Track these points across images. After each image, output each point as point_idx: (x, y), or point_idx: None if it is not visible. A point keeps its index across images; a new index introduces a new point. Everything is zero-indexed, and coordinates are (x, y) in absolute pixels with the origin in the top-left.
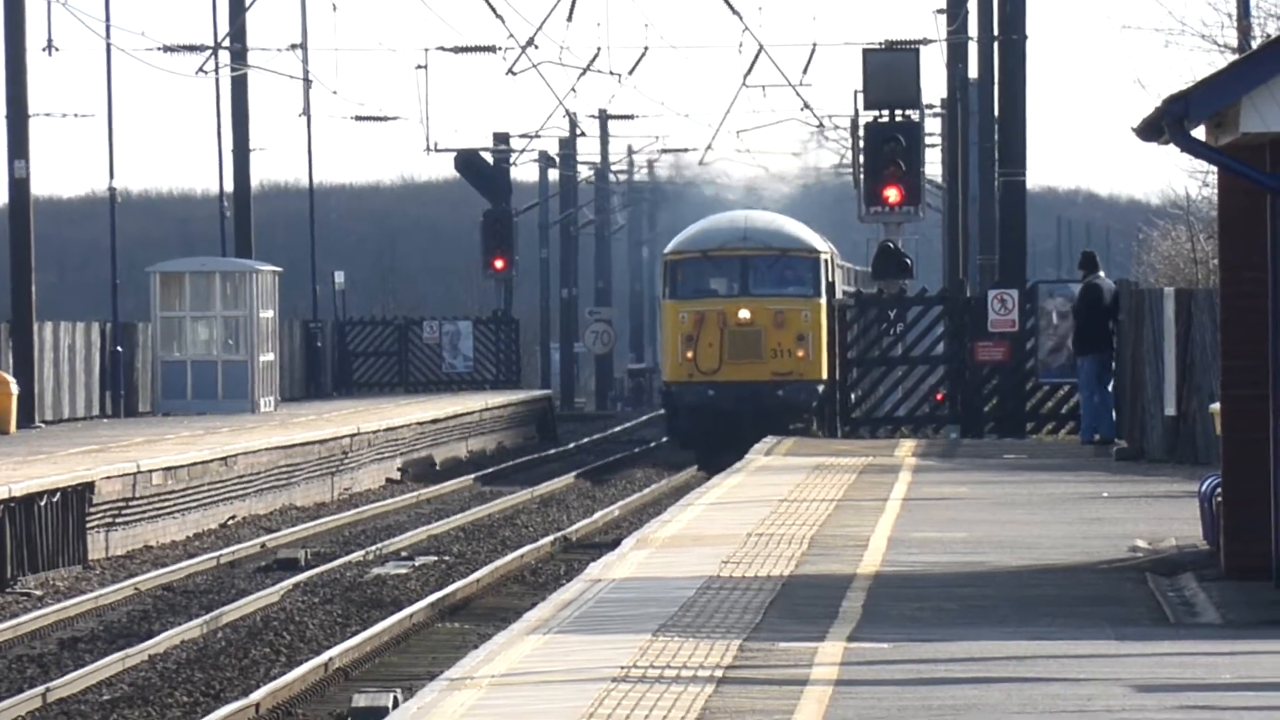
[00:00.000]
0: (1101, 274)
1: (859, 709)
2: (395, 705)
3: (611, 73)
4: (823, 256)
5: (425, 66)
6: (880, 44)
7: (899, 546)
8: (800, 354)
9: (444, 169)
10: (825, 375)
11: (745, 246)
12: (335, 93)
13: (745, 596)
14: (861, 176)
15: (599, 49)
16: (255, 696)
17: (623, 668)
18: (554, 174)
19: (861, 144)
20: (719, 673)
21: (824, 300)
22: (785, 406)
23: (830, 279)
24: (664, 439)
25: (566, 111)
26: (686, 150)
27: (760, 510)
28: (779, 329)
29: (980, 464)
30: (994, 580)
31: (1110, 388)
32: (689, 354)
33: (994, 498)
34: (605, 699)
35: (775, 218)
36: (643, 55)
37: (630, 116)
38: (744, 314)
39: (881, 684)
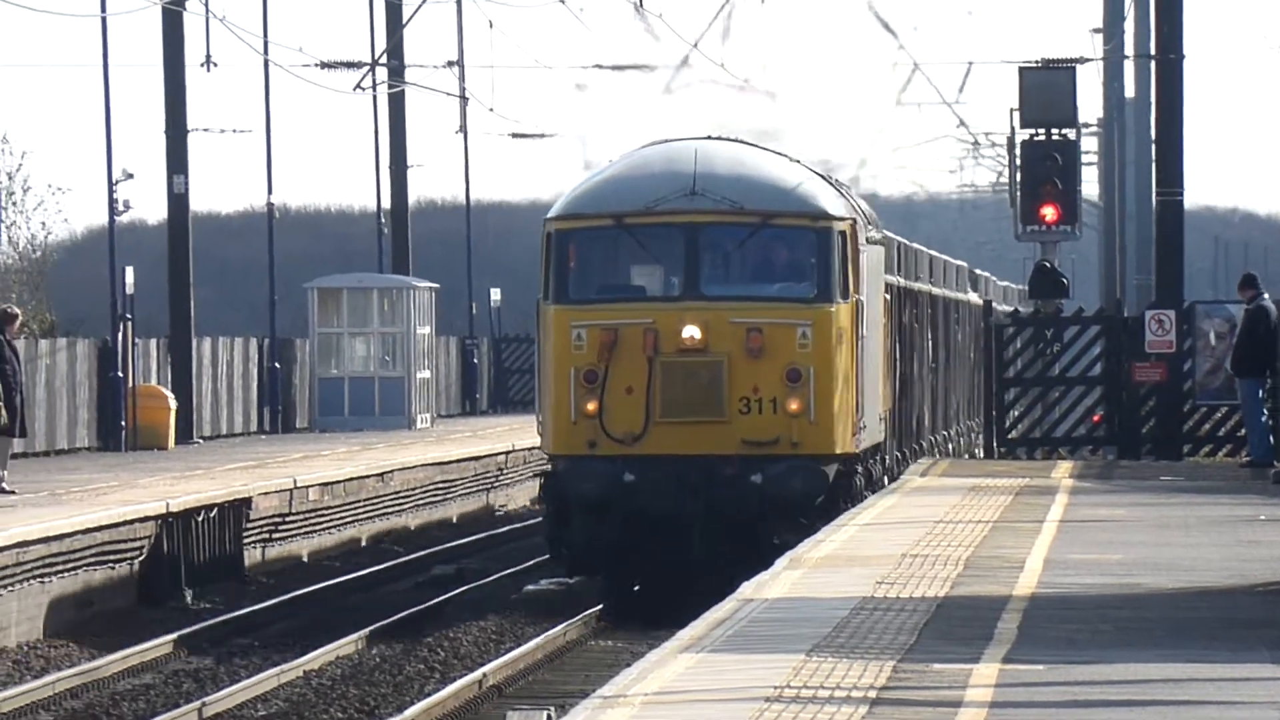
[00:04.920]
0: (1266, 296)
1: None
2: None
3: (767, 91)
4: (839, 226)
5: (584, 86)
6: (1036, 62)
7: (1055, 568)
8: (794, 405)
9: None
10: (843, 445)
11: (695, 207)
12: (491, 110)
13: (900, 617)
14: (1018, 195)
15: (755, 67)
16: (409, 713)
17: (776, 687)
18: None
19: (1018, 162)
20: (873, 693)
21: (842, 307)
22: (766, 502)
23: (854, 266)
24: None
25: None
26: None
27: (915, 531)
28: (755, 359)
29: (1137, 486)
30: (1150, 602)
31: (1268, 411)
32: (589, 405)
33: (1151, 520)
34: (759, 718)
35: (750, 154)
36: (797, 73)
37: (780, 133)
38: (690, 332)
39: (1036, 706)
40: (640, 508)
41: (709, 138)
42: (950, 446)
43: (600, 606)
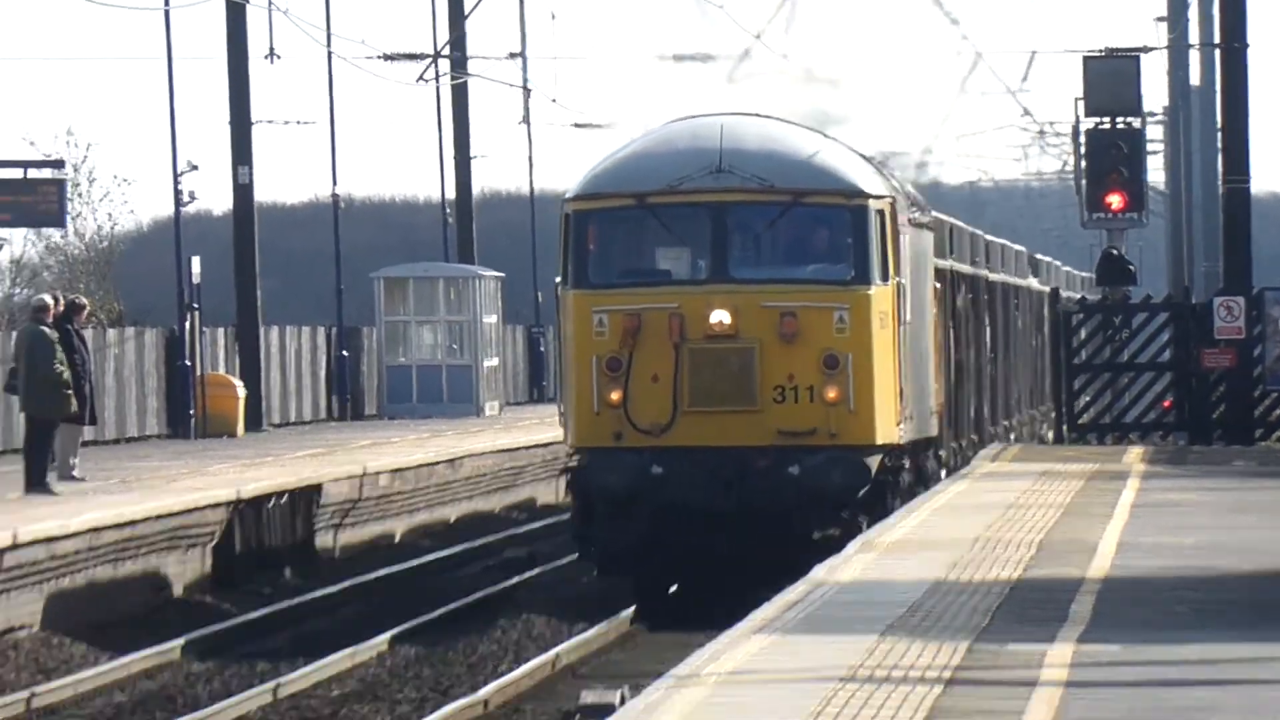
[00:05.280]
0: None
1: (1089, 710)
2: (622, 702)
3: (830, 79)
4: (876, 204)
5: (646, 76)
6: (1100, 51)
7: (1128, 551)
8: (832, 394)
9: None
10: (886, 435)
11: (722, 185)
12: (554, 101)
13: (973, 599)
14: (1083, 183)
15: (818, 55)
16: (483, 693)
17: (850, 668)
18: None
19: (1083, 150)
20: (947, 674)
21: (881, 289)
22: (804, 496)
23: (895, 246)
24: None
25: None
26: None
27: (986, 515)
28: (789, 345)
29: (1208, 470)
30: (1225, 584)
31: None
32: (613, 395)
33: (1223, 504)
34: (833, 698)
35: (780, 129)
36: (860, 62)
37: (844, 120)
38: (719, 317)
39: (1112, 685)
40: (669, 502)
41: (737, 113)
42: (1012, 437)
43: (633, 609)
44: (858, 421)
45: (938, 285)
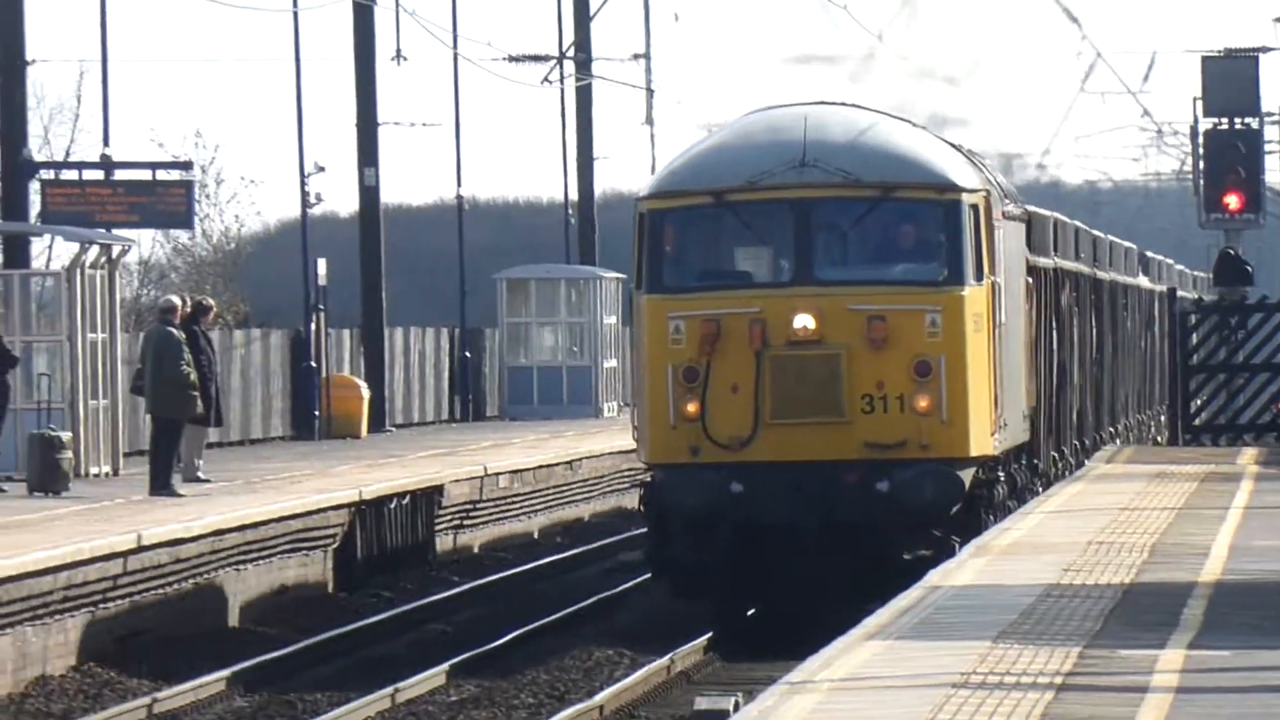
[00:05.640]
0: None
1: (1199, 717)
2: (736, 708)
3: (947, 79)
4: (970, 198)
5: (770, 77)
6: (1219, 51)
7: (1240, 555)
8: (923, 403)
9: None
10: (980, 447)
11: (805, 180)
12: (679, 102)
13: (1085, 604)
14: (1201, 183)
15: (938, 55)
16: (599, 698)
17: (962, 674)
18: None
19: (1201, 150)
20: (1059, 679)
21: (976, 289)
22: (894, 513)
23: (989, 243)
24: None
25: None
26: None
27: (1100, 518)
28: (877, 351)
29: None
30: None
31: None
32: (690, 407)
33: None
34: (946, 704)
35: (867, 119)
36: (978, 61)
37: (964, 122)
38: (803, 322)
39: (1222, 692)
40: (751, 521)
41: (821, 102)
42: (1118, 443)
43: (709, 635)
44: (951, 433)
45: (1029, 280)
